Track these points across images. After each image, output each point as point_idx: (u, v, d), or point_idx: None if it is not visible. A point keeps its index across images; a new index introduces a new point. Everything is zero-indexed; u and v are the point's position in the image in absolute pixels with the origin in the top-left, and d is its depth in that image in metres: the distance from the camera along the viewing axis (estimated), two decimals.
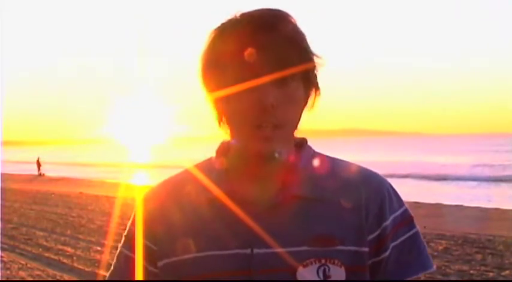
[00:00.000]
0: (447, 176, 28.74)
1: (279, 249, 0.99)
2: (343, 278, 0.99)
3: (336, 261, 1.00)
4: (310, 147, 1.10)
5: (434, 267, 1.11)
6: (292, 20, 1.00)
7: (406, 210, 1.09)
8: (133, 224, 1.11)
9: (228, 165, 1.07)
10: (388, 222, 1.05)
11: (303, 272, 0.98)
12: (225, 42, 0.98)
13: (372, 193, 1.05)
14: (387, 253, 1.04)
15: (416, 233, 1.09)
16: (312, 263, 0.99)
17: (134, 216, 1.11)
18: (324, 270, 0.99)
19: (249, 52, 0.95)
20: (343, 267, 1.00)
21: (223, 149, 1.10)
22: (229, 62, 0.97)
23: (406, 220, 1.08)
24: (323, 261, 0.99)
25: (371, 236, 1.03)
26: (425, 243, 1.11)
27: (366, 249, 1.02)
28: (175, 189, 1.09)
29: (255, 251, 0.99)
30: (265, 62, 0.95)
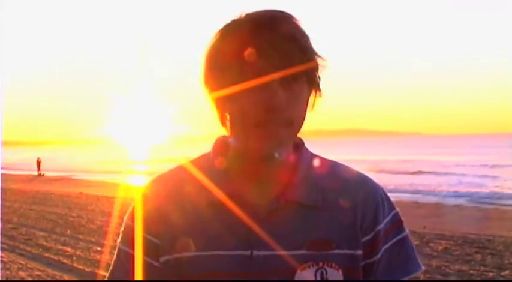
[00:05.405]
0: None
1: (278, 252, 1.01)
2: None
3: (333, 265, 1.02)
4: (307, 149, 1.11)
5: (423, 267, 1.13)
6: (295, 21, 1.00)
7: (396, 213, 1.12)
8: (131, 219, 1.09)
9: (228, 165, 1.06)
10: (381, 226, 1.08)
11: (301, 275, 1.01)
12: (230, 42, 0.98)
13: (367, 198, 1.08)
14: (379, 256, 1.07)
15: (406, 237, 1.12)
16: (309, 266, 1.01)
17: (132, 211, 1.10)
18: (322, 273, 1.01)
19: (252, 51, 0.95)
20: (340, 270, 1.02)
21: (221, 147, 1.09)
22: (234, 61, 0.96)
23: (396, 224, 1.11)
24: (320, 264, 1.02)
25: (365, 238, 1.06)
26: (413, 246, 1.13)
27: (360, 252, 1.05)
28: (176, 187, 1.08)
29: (255, 253, 1.01)
30: (269, 61, 0.95)
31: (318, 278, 1.01)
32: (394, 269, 1.09)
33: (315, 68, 1.00)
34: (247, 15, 1.00)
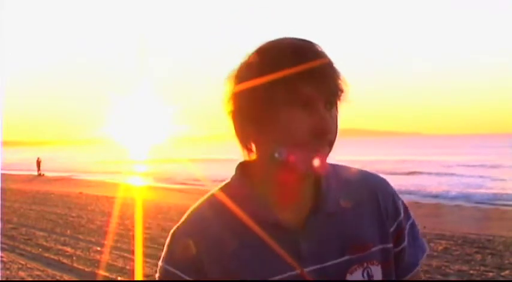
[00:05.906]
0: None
1: (326, 264, 1.07)
2: (381, 275, 1.11)
3: (374, 262, 1.11)
4: None
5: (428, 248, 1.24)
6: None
7: (403, 201, 1.21)
8: (169, 263, 1.07)
9: (256, 189, 1.08)
10: (402, 216, 1.17)
11: (351, 278, 1.08)
12: (275, 66, 0.99)
13: (385, 194, 1.16)
14: (405, 242, 1.17)
15: (414, 221, 1.22)
16: (356, 269, 1.09)
17: (169, 255, 1.08)
18: (368, 272, 1.10)
19: (301, 77, 0.98)
20: (379, 265, 1.11)
21: (246, 172, 1.10)
22: (281, 86, 0.99)
23: (406, 210, 1.20)
24: (365, 264, 1.10)
25: (391, 230, 1.14)
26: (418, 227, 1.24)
27: (391, 245, 1.14)
28: (212, 220, 1.08)
29: (305, 270, 1.05)
30: (316, 87, 0.99)
31: (366, 278, 1.09)
32: (414, 251, 1.19)
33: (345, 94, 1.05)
34: (282, 41, 1.03)
